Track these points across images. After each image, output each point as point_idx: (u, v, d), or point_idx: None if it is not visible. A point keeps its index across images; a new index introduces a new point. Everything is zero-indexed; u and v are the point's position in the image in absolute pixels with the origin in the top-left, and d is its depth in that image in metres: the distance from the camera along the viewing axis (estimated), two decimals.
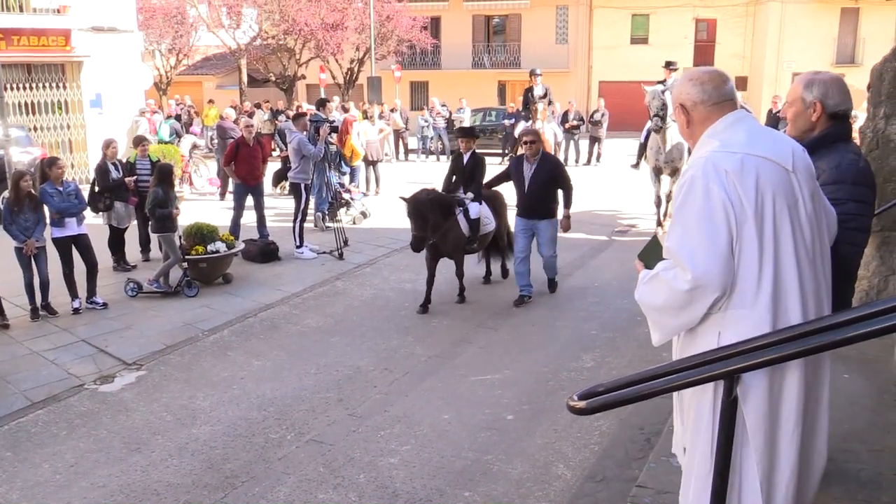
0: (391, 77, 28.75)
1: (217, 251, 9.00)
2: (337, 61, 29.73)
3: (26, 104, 17.02)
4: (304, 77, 31.65)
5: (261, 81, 33.30)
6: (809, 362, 2.39)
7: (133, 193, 9.65)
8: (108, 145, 9.61)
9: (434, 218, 7.48)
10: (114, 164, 9.59)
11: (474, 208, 7.93)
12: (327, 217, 12.08)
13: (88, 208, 8.74)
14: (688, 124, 2.59)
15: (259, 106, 24.34)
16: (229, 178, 12.68)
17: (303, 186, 10.62)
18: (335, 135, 12.95)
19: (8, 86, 16.63)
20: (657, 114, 10.28)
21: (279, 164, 15.57)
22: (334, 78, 30.17)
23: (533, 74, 13.76)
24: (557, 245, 8.10)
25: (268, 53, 30.73)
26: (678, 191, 2.43)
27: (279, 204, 14.09)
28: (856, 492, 3.32)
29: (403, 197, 7.68)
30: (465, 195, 8.01)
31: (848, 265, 2.87)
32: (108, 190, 9.47)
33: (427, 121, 23.02)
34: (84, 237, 8.16)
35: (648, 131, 11.09)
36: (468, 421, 5.30)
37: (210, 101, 26.26)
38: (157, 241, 9.09)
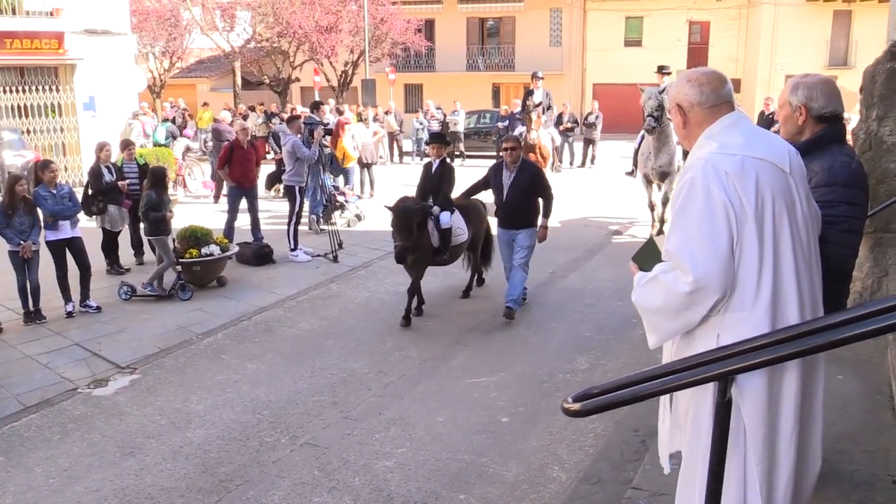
0: (385, 79, 28.72)
1: (211, 254, 8.98)
2: (331, 64, 29.70)
3: (19, 107, 16.96)
4: (299, 80, 31.61)
5: (255, 84, 33.26)
6: (804, 364, 2.39)
7: (126, 196, 9.63)
8: (102, 148, 9.58)
9: (417, 228, 7.18)
10: (107, 168, 9.56)
11: (445, 218, 7.59)
12: (322, 220, 12.08)
13: (82, 211, 8.70)
14: (684, 125, 2.59)
15: (253, 109, 24.31)
16: (223, 181, 12.66)
17: (297, 189, 10.62)
18: (329, 137, 12.95)
19: (0, 89, 16.61)
20: (651, 114, 10.10)
21: (273, 167, 15.55)
22: (328, 81, 30.13)
23: (535, 77, 13.52)
24: (555, 245, 8.00)
25: (262, 56, 30.69)
26: (678, 192, 2.43)
27: (273, 207, 14.07)
28: (850, 493, 3.33)
29: (389, 206, 7.36)
30: (433, 205, 7.65)
31: (841, 267, 2.87)
32: (101, 193, 9.43)
33: (421, 123, 23.01)
34: (78, 240, 8.13)
35: (643, 137, 10.94)
36: (463, 423, 5.30)
37: (205, 104, 26.22)
38: (150, 244, 9.09)
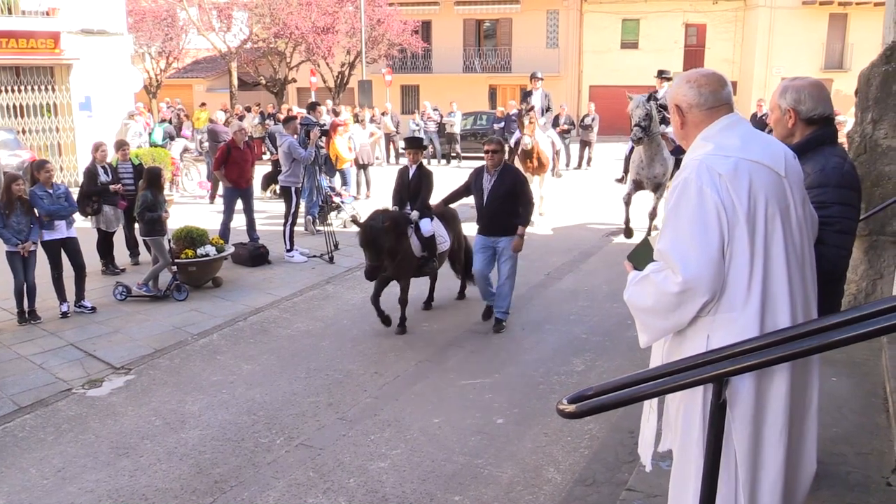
0: (382, 81, 28.75)
1: (207, 255, 8.97)
2: (328, 65, 29.71)
3: (15, 107, 16.92)
4: (295, 80, 31.62)
5: (251, 85, 33.24)
6: (797, 367, 2.39)
7: (121, 197, 9.60)
8: (98, 148, 9.56)
9: (390, 244, 6.87)
10: (103, 168, 9.54)
11: (426, 225, 7.33)
12: (318, 220, 12.07)
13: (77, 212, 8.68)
14: (682, 126, 2.60)
15: (249, 109, 24.29)
16: (219, 182, 12.64)
17: (293, 190, 10.61)
18: (325, 138, 12.95)
19: None
20: (638, 123, 9.59)
21: (269, 168, 15.53)
22: (325, 81, 30.15)
23: (534, 78, 13.09)
24: (550, 247, 8.00)
25: (258, 57, 30.68)
26: (671, 193, 2.44)
27: (269, 207, 14.06)
28: (844, 495, 3.33)
29: (357, 222, 7.11)
30: (411, 212, 7.39)
31: (834, 268, 2.88)
32: (95, 193, 9.39)
33: (418, 125, 23.02)
34: (73, 240, 8.11)
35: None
36: (458, 425, 5.30)
37: (202, 105, 26.19)
38: (146, 245, 9.07)
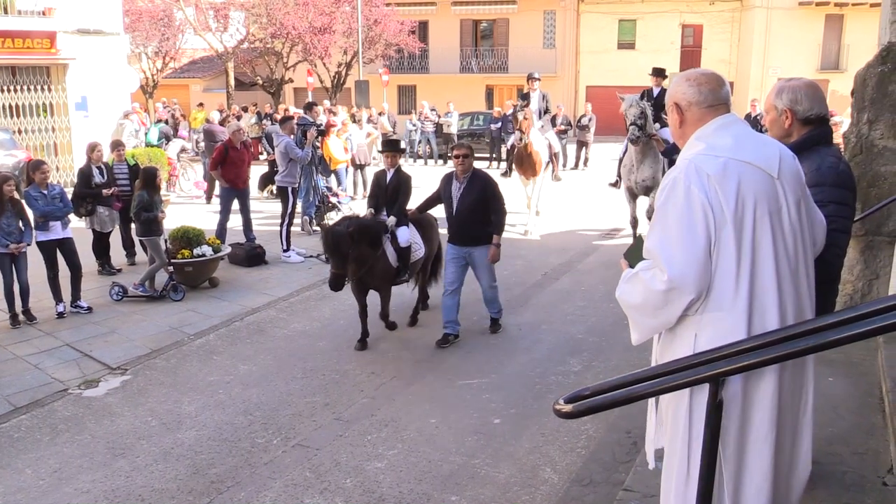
0: (379, 81, 28.74)
1: (203, 255, 8.96)
2: (324, 65, 29.70)
3: (11, 107, 16.88)
4: (292, 80, 31.60)
5: (248, 85, 33.21)
6: (790, 369, 2.40)
7: (116, 198, 9.55)
8: (94, 149, 9.49)
9: (357, 252, 6.56)
10: (98, 169, 9.47)
11: (403, 235, 7.03)
12: (314, 221, 12.06)
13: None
14: (680, 124, 2.60)
15: (246, 109, 24.26)
16: (215, 182, 12.62)
17: (290, 190, 10.60)
18: (320, 138, 12.93)
19: None
20: (635, 122, 9.33)
21: (266, 168, 15.52)
22: (322, 82, 30.14)
23: (531, 79, 12.71)
24: (547, 247, 7.97)
25: (255, 57, 30.65)
26: (660, 191, 2.45)
27: (266, 207, 14.05)
28: (840, 494, 3.34)
29: (325, 226, 7.00)
30: (388, 218, 7.09)
31: (830, 268, 2.89)
32: (89, 196, 9.30)
33: (415, 125, 23.02)
34: (69, 241, 8.09)
35: (627, 146, 10.17)
36: (455, 425, 5.30)
37: (200, 105, 26.16)
38: (142, 245, 9.05)
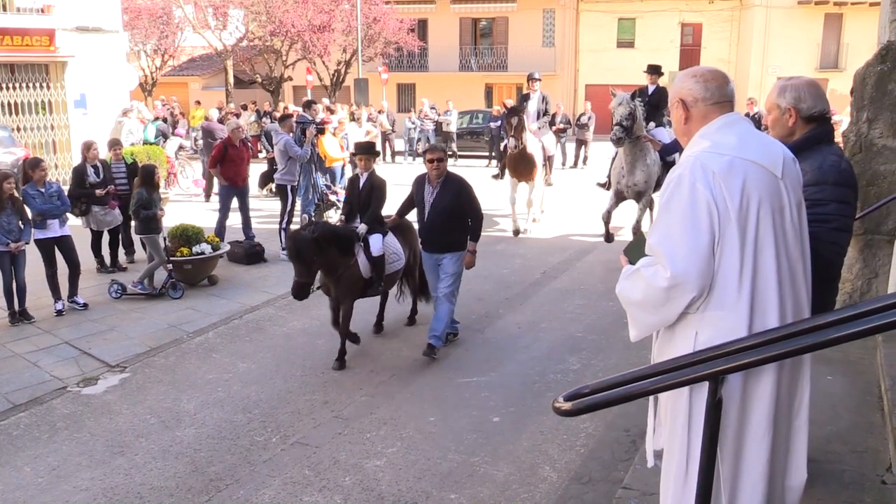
0: (378, 79, 28.73)
1: (202, 253, 8.95)
2: (324, 63, 29.69)
3: (10, 104, 16.86)
4: (291, 78, 31.60)
5: (247, 83, 33.19)
6: (786, 367, 2.40)
7: (112, 197, 9.47)
8: (89, 147, 9.38)
9: (323, 259, 6.16)
10: (94, 167, 9.39)
11: (376, 243, 6.60)
12: (314, 219, 12.05)
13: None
14: (686, 121, 2.58)
15: (245, 107, 24.25)
16: (214, 180, 12.61)
17: (289, 188, 10.59)
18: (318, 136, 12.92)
19: None
20: (619, 123, 8.85)
21: (265, 166, 15.51)
22: (321, 80, 30.12)
23: (531, 79, 12.38)
24: (546, 246, 7.92)
25: (254, 55, 30.65)
26: (664, 188, 2.44)
27: (265, 206, 14.04)
28: (839, 493, 3.34)
29: (292, 231, 6.66)
30: (359, 225, 6.71)
31: (830, 266, 2.89)
32: (83, 195, 9.22)
33: (413, 123, 23.01)
34: (67, 239, 8.08)
35: None
36: (454, 423, 5.30)
37: (197, 103, 26.15)
38: (142, 242, 9.04)
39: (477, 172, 18.85)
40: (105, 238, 9.73)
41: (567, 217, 13.16)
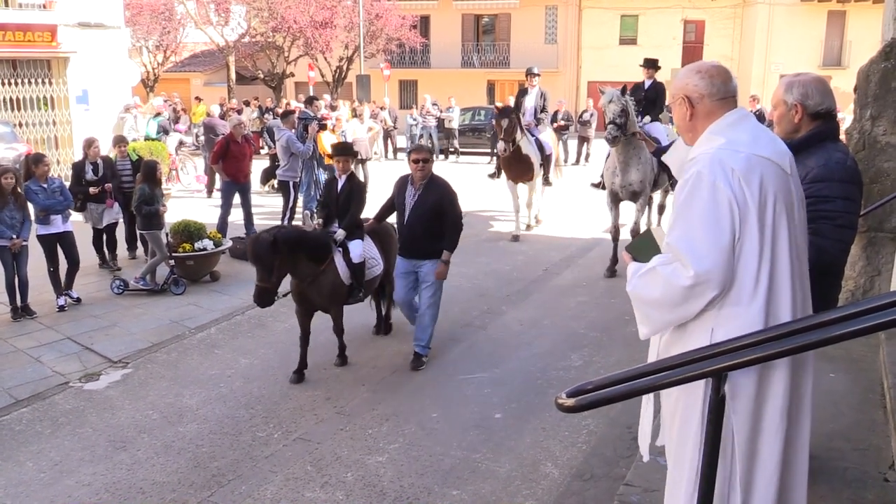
0: (380, 75, 28.72)
1: (204, 249, 8.96)
2: (326, 59, 29.67)
3: (11, 100, 16.85)
4: (293, 75, 31.57)
5: (249, 79, 33.18)
6: (793, 364, 2.39)
7: (109, 195, 9.37)
8: (90, 145, 9.32)
9: (289, 264, 5.86)
10: (93, 165, 9.30)
11: (356, 249, 6.32)
12: (315, 215, 12.04)
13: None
14: (690, 117, 2.55)
15: (247, 103, 24.24)
16: (216, 176, 12.61)
17: (291, 184, 10.61)
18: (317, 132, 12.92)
19: None
20: (613, 121, 8.40)
21: (267, 162, 15.51)
22: (323, 76, 30.11)
23: (530, 74, 12.02)
24: (549, 243, 7.89)
25: (256, 51, 30.63)
26: (682, 186, 2.40)
27: (267, 202, 14.03)
28: (841, 490, 3.34)
29: (259, 234, 6.05)
30: (336, 230, 6.42)
31: (834, 261, 2.89)
32: (80, 192, 9.12)
33: (415, 119, 23.00)
34: (69, 235, 8.09)
35: None
36: (456, 419, 5.30)
37: (198, 99, 26.14)
38: (143, 238, 9.04)
39: (478, 169, 18.86)
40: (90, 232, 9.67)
41: (569, 214, 13.15)
